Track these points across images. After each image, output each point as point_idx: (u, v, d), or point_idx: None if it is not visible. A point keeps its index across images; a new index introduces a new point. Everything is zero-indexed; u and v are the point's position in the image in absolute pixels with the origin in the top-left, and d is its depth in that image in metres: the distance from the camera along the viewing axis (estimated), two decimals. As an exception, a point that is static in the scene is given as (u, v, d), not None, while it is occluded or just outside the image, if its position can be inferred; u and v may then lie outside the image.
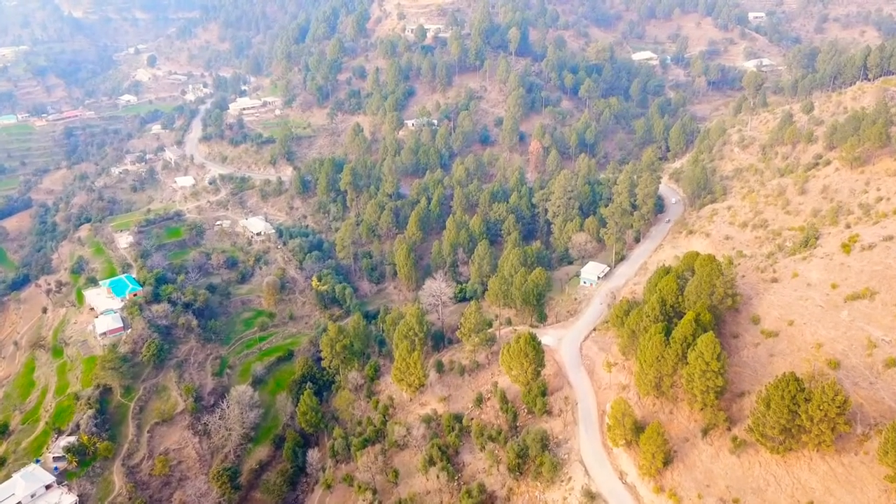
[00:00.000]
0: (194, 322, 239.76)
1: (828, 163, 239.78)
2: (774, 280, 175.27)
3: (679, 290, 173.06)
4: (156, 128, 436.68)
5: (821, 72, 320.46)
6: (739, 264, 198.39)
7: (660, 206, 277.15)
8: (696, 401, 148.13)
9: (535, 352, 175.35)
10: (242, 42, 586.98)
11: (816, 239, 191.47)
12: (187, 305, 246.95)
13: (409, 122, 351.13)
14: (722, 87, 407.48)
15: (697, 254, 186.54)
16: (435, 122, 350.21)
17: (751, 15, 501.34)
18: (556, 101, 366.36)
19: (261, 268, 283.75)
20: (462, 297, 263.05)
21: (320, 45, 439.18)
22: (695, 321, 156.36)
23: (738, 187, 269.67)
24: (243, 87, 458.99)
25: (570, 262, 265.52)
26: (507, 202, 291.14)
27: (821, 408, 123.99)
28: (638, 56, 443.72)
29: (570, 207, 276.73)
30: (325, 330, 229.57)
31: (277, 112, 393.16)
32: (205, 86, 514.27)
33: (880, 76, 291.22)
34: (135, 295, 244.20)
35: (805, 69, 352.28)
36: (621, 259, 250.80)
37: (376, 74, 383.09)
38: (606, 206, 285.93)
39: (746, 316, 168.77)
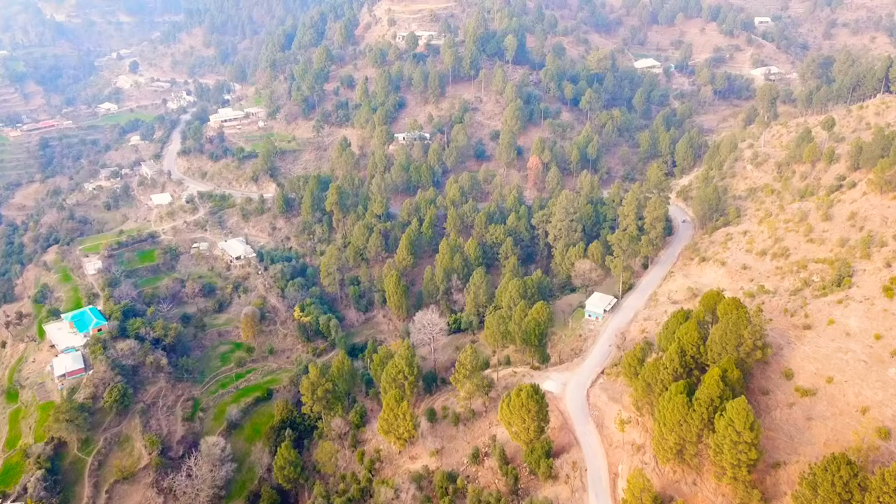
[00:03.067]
0: (164, 360, 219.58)
1: (853, 185, 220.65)
2: (807, 327, 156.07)
3: (700, 339, 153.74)
4: (135, 139, 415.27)
5: (838, 83, 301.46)
6: (764, 303, 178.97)
7: (668, 228, 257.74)
8: (725, 473, 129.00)
9: (538, 407, 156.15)
10: (228, 47, 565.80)
11: (850, 277, 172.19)
12: (156, 341, 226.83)
13: (400, 136, 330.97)
14: (728, 96, 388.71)
15: (718, 295, 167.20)
16: (427, 135, 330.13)
17: (756, 20, 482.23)
18: (556, 112, 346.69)
19: (239, 296, 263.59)
20: (457, 328, 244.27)
21: (307, 53, 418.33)
22: (721, 379, 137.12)
23: (754, 209, 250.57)
24: (226, 97, 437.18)
25: (573, 290, 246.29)
26: (505, 224, 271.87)
27: (881, 500, 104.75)
28: (640, 64, 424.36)
29: (573, 230, 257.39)
30: (306, 370, 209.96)
31: (261, 124, 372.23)
32: (188, 93, 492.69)
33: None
34: (99, 330, 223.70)
35: (819, 79, 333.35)
36: (629, 288, 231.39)
37: (365, 84, 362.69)
38: (611, 227, 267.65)
39: (777, 369, 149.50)
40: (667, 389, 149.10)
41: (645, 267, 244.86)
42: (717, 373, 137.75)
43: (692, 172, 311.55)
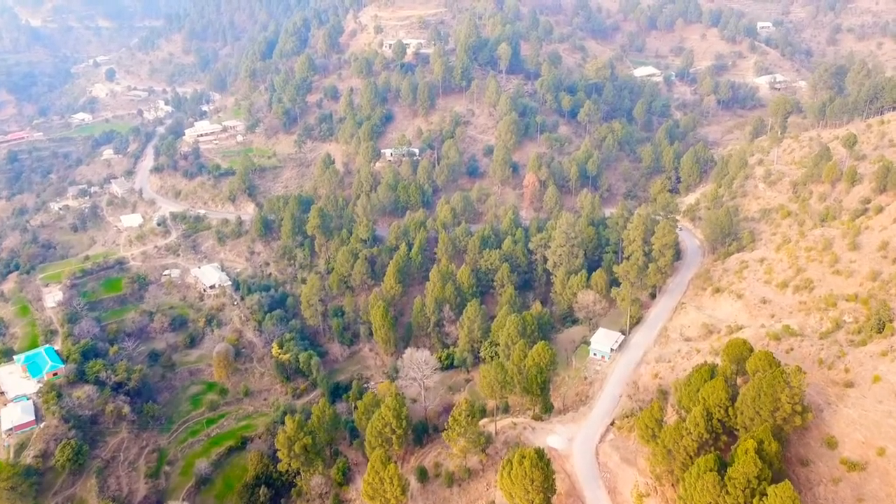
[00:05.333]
0: (126, 409, 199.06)
1: (880, 210, 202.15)
2: (849, 384, 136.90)
3: (729, 400, 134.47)
4: (108, 152, 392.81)
5: (853, 94, 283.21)
6: (793, 349, 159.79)
7: (676, 252, 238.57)
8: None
9: (543, 476, 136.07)
10: (208, 54, 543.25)
11: (891, 321, 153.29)
12: (118, 386, 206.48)
13: (387, 152, 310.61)
14: (732, 106, 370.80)
15: (745, 345, 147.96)
16: (416, 151, 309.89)
17: (758, 25, 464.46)
18: (553, 125, 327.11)
19: (213, 330, 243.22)
20: (449, 365, 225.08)
21: (288, 62, 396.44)
22: (757, 453, 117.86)
23: (769, 233, 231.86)
24: (204, 108, 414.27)
25: (575, 322, 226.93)
26: (500, 248, 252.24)
27: None
28: (640, 72, 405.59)
29: (574, 256, 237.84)
30: (283, 419, 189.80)
31: (239, 138, 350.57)
32: (166, 103, 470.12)
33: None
34: (54, 374, 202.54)
35: (831, 90, 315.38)
36: (636, 322, 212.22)
37: (350, 96, 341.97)
38: (614, 252, 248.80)
39: (818, 435, 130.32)
40: (691, 459, 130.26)
41: (653, 297, 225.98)
42: (752, 446, 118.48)
43: (698, 189, 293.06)
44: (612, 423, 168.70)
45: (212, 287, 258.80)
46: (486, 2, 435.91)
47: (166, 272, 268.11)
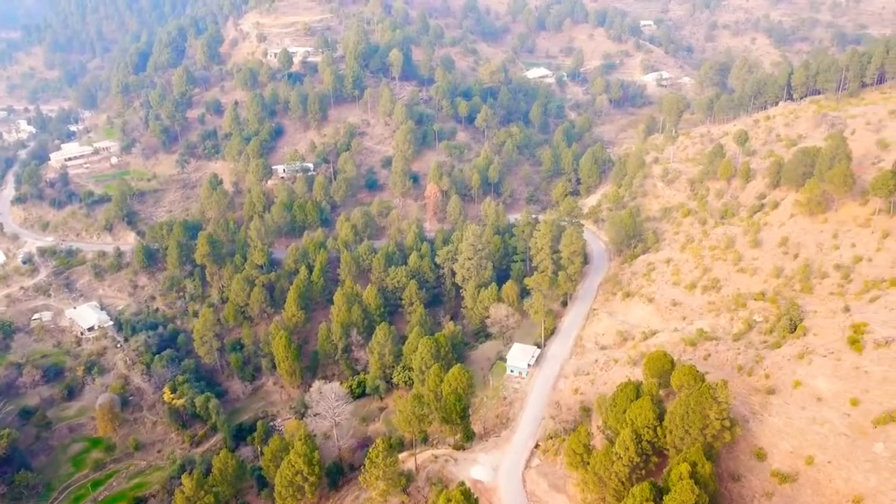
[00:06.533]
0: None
1: (776, 205, 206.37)
2: (771, 391, 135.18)
3: (656, 419, 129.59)
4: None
5: (739, 91, 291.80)
6: (710, 355, 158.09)
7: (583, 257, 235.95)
8: None
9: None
10: (75, 68, 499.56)
11: (802, 320, 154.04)
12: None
13: (280, 169, 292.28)
14: (623, 104, 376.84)
15: (667, 358, 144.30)
16: (310, 166, 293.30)
17: (641, 23, 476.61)
18: (451, 132, 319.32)
19: (94, 378, 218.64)
20: (361, 393, 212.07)
21: (165, 75, 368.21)
22: (692, 476, 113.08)
23: (672, 232, 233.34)
24: (72, 128, 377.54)
25: (488, 336, 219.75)
26: (406, 264, 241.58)
27: None
28: (533, 73, 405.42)
29: (482, 268, 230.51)
30: (181, 473, 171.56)
31: (114, 160, 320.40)
32: (28, 122, 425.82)
33: (805, 96, 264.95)
34: None
35: (716, 86, 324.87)
36: (551, 333, 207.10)
37: (235, 110, 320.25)
38: (522, 260, 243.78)
39: (747, 448, 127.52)
40: (623, 485, 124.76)
41: (564, 304, 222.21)
42: (686, 470, 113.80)
43: (599, 190, 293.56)
44: (537, 447, 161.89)
45: (90, 329, 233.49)
46: (374, 6, 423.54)
47: (36, 316, 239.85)
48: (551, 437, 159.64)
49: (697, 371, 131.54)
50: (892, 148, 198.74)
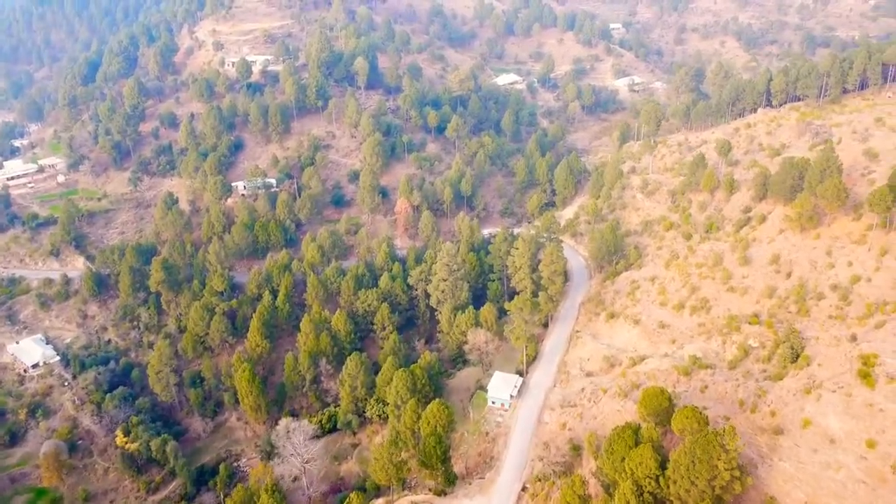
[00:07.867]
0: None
1: (763, 219, 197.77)
2: (778, 431, 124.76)
3: (658, 467, 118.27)
4: None
5: (716, 97, 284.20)
6: (707, 387, 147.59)
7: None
8: None
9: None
10: (21, 78, 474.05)
11: (803, 348, 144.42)
12: None
13: (240, 185, 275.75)
14: (595, 110, 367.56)
15: (664, 395, 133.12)
16: (273, 182, 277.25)
17: (611, 26, 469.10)
18: (421, 143, 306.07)
19: (39, 421, 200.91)
20: (331, 428, 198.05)
21: (115, 86, 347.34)
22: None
23: (654, 247, 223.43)
24: (16, 143, 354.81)
25: (466, 363, 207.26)
26: (377, 286, 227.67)
27: None
28: (502, 80, 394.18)
29: (458, 289, 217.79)
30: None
31: (61, 178, 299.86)
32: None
33: (785, 102, 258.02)
34: None
35: (692, 92, 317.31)
36: (533, 358, 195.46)
37: (191, 123, 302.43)
38: (499, 278, 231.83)
39: (757, 498, 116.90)
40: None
41: (545, 326, 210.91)
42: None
43: (575, 201, 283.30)
44: (524, 489, 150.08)
45: (35, 366, 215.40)
46: (337, 12, 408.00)
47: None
48: (539, 480, 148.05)
49: (701, 414, 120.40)
50: (882, 159, 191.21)
